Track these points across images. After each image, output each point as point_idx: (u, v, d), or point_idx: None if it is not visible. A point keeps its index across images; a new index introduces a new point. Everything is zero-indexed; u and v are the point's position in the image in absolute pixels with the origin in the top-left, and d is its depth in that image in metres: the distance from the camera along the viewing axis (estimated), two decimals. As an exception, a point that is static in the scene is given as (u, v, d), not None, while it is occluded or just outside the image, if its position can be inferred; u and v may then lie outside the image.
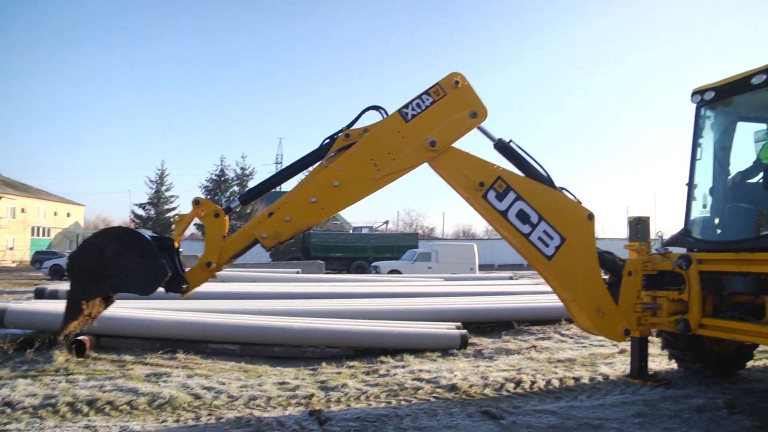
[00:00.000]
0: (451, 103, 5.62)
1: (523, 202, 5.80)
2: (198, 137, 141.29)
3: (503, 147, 6.03)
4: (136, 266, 4.88)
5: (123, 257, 4.89)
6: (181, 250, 5.42)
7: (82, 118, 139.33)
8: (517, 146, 6.04)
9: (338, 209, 5.55)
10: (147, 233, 5.16)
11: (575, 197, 6.06)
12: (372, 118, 5.73)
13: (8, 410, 5.79)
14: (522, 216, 5.79)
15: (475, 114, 5.68)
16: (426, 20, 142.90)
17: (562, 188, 6.06)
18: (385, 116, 5.61)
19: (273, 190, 6.04)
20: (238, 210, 5.64)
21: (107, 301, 5.19)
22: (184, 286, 5.20)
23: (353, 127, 5.59)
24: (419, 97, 5.60)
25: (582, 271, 5.90)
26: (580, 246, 5.89)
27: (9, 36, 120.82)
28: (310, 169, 5.73)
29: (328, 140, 5.57)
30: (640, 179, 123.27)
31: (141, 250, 4.90)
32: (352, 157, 5.44)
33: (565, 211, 5.91)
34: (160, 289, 5.04)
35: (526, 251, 5.87)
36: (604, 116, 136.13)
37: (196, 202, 5.30)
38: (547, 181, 6.01)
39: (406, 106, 5.57)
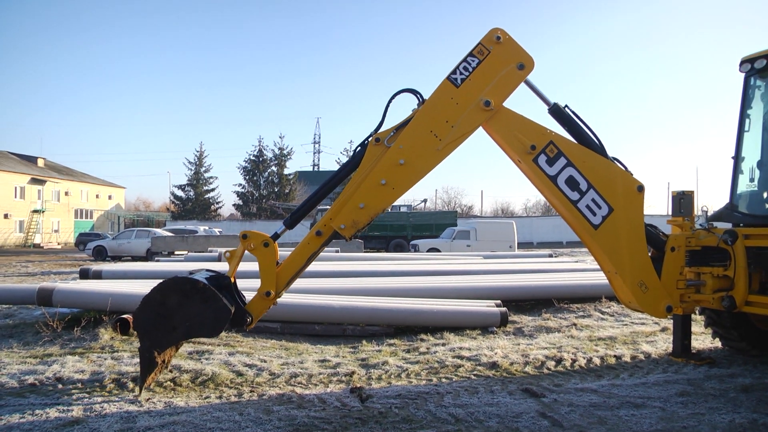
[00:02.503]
0: (497, 60, 5.55)
1: (574, 169, 5.72)
2: (236, 118, 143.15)
3: (558, 112, 5.95)
4: (200, 312, 5.01)
5: (185, 306, 5.02)
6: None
7: (122, 102, 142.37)
8: (572, 112, 5.94)
9: (408, 187, 5.53)
10: (202, 276, 5.27)
11: (626, 168, 5.97)
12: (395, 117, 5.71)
13: (59, 385, 6.03)
14: (571, 183, 5.73)
15: (522, 66, 5.59)
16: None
17: (615, 158, 5.96)
18: (420, 99, 5.58)
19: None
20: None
21: (176, 346, 5.34)
22: (248, 320, 5.31)
23: (383, 124, 5.56)
24: (464, 60, 5.54)
25: (628, 243, 5.83)
26: (627, 217, 5.81)
27: (49, 22, 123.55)
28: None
29: (359, 148, 5.58)
30: (680, 154, 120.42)
31: (201, 295, 5.01)
32: (412, 132, 5.45)
33: (615, 182, 5.82)
34: None
35: (573, 218, 5.82)
36: (644, 92, 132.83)
37: (244, 236, 5.37)
38: (600, 149, 5.90)
39: (453, 72, 5.52)
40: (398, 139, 5.43)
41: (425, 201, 62.03)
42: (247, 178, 75.96)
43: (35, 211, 62.39)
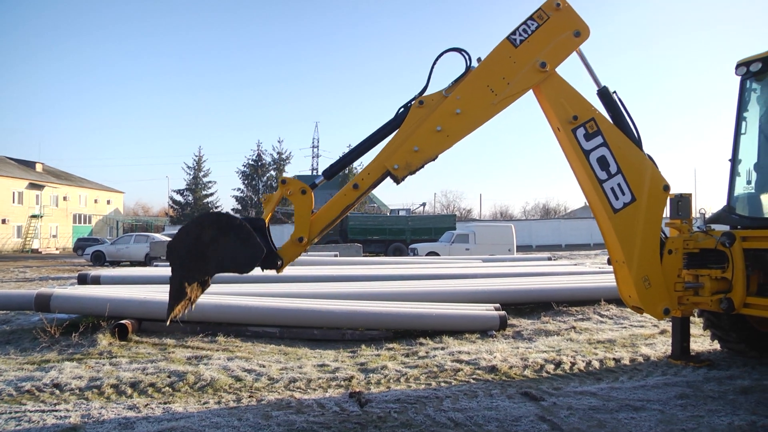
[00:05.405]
0: (555, 25, 5.81)
1: (608, 150, 5.96)
2: (235, 123, 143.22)
3: (605, 95, 6.21)
4: (234, 248, 5.07)
5: (220, 241, 5.06)
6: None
7: (120, 106, 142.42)
8: (619, 99, 6.20)
9: (462, 135, 5.74)
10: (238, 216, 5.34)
11: (657, 167, 6.17)
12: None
13: (57, 392, 6.02)
14: (602, 162, 5.98)
15: (579, 33, 5.86)
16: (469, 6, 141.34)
17: (649, 155, 6.18)
18: (467, 58, 5.75)
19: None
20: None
21: (203, 286, 5.36)
22: (279, 263, 5.42)
23: (427, 87, 5.70)
24: (524, 23, 5.81)
25: (641, 236, 6.00)
26: (647, 211, 6.02)
27: (47, 26, 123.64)
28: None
29: (402, 109, 5.73)
30: (678, 156, 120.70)
31: (237, 232, 5.06)
32: (470, 85, 5.68)
33: (644, 174, 6.04)
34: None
35: (596, 197, 6.01)
36: (641, 94, 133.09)
37: (283, 181, 5.52)
38: (637, 141, 6.14)
39: (513, 33, 5.79)
40: (456, 90, 5.67)
41: (424, 205, 62.12)
42: (246, 182, 75.84)
43: (33, 216, 62.27)
